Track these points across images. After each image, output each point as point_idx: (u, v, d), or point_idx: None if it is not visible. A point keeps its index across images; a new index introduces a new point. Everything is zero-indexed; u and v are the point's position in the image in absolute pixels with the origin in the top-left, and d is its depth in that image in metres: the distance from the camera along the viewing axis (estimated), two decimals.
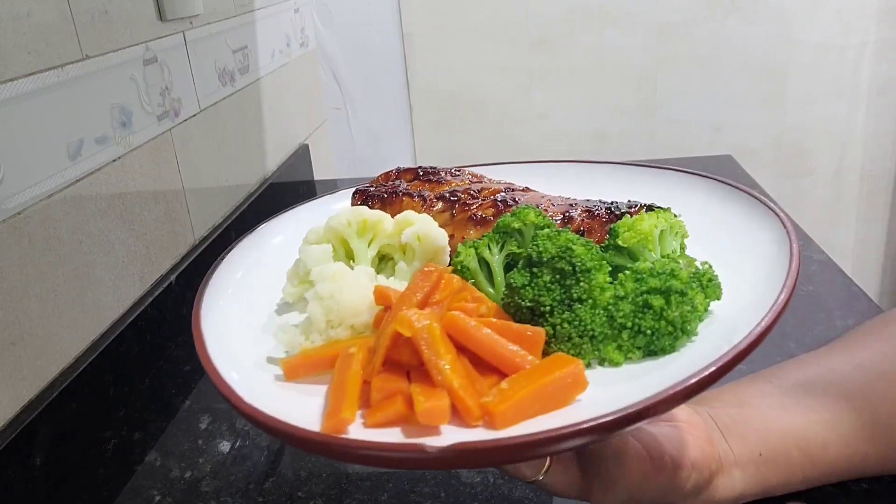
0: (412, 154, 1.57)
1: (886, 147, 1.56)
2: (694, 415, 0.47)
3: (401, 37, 1.47)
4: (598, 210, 0.48)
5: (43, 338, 0.59)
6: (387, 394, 0.36)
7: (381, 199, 0.54)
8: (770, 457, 0.46)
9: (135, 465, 0.61)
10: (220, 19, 0.97)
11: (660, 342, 0.38)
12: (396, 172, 0.59)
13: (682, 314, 0.38)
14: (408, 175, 0.59)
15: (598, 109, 1.52)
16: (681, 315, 0.38)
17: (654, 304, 0.38)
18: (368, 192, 0.56)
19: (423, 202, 0.52)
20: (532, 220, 0.44)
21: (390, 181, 0.58)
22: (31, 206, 0.58)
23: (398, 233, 0.48)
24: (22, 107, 0.58)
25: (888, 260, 1.67)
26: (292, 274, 0.48)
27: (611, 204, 0.48)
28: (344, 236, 0.48)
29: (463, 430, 0.34)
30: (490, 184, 0.56)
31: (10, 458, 0.53)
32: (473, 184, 0.56)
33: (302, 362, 0.40)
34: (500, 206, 0.50)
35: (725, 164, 1.24)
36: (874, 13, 1.46)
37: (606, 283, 0.39)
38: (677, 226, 0.45)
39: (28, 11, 0.59)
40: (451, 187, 0.56)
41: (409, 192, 0.54)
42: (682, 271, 0.39)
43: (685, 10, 1.45)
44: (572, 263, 0.39)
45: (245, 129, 1.06)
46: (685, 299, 0.38)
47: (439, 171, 0.58)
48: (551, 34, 1.47)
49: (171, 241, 0.82)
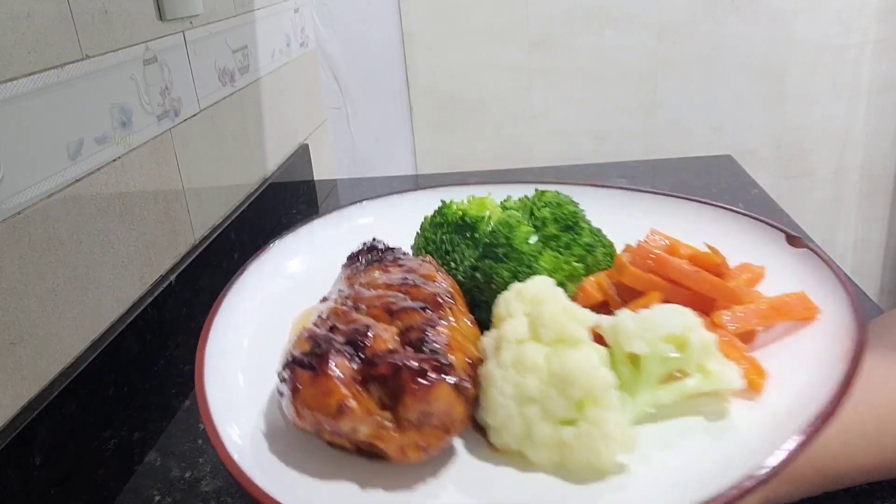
0: (412, 154, 1.57)
1: (886, 147, 1.56)
2: None
3: (401, 37, 1.47)
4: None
5: (43, 338, 0.59)
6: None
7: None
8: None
9: (135, 465, 0.61)
10: (220, 19, 0.97)
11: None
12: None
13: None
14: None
15: (598, 109, 1.52)
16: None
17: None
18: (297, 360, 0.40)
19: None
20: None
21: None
22: (31, 206, 0.58)
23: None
24: (22, 107, 0.58)
25: (888, 260, 1.67)
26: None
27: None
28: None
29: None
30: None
31: (10, 458, 0.53)
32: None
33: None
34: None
35: (725, 164, 1.24)
36: (874, 13, 1.46)
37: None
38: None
39: (28, 11, 0.59)
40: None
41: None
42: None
43: (685, 10, 1.44)
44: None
45: (245, 129, 1.06)
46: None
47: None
48: (551, 34, 1.47)
49: (171, 241, 0.82)
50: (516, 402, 0.35)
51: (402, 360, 0.35)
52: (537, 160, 1.54)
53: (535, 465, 0.35)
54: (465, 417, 0.35)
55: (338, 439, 0.35)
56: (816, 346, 0.39)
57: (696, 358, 0.36)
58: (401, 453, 0.34)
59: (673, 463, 0.34)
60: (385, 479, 0.34)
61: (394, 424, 0.34)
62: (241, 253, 0.96)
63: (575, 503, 0.31)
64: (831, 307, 0.41)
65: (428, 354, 0.36)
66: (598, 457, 0.33)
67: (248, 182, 1.07)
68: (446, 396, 0.34)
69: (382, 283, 0.43)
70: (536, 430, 0.34)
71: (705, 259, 0.43)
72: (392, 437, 0.34)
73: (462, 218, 0.49)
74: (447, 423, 0.34)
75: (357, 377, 0.36)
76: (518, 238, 0.45)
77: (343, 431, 0.34)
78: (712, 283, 0.42)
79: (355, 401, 0.34)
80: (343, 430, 0.34)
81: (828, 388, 0.34)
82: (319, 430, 0.35)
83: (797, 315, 0.40)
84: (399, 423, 0.34)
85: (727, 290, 0.42)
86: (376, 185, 1.34)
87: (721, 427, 0.36)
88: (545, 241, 0.45)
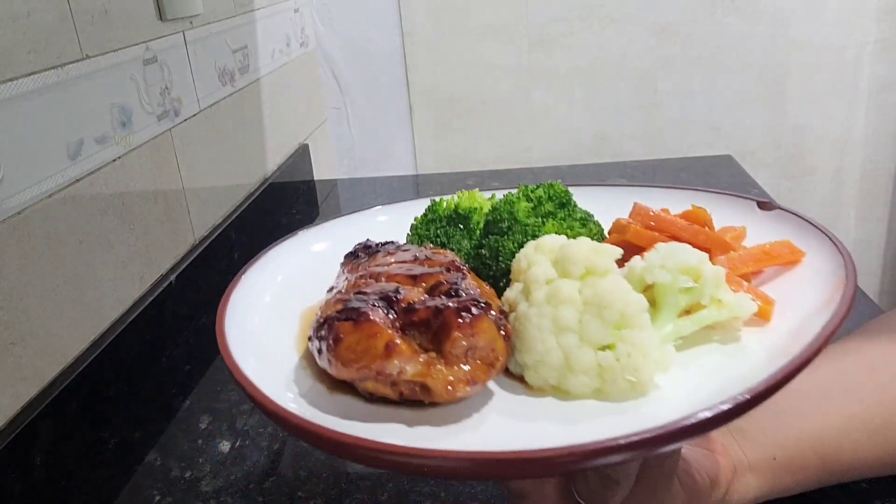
0: (412, 154, 1.57)
1: (886, 147, 1.56)
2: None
3: (401, 37, 1.47)
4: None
5: (43, 338, 0.59)
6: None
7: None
8: (784, 461, 0.46)
9: (135, 465, 0.61)
10: (220, 19, 0.97)
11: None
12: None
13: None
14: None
15: (598, 109, 1.52)
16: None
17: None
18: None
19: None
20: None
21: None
22: (31, 206, 0.58)
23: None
24: (22, 107, 0.58)
25: (888, 260, 1.67)
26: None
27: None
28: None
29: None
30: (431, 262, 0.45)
31: (10, 457, 0.53)
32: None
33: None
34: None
35: (725, 164, 1.24)
36: (874, 13, 1.46)
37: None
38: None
39: (28, 11, 0.59)
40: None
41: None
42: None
43: (685, 10, 1.44)
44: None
45: (245, 129, 1.06)
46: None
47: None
48: (551, 34, 1.47)
49: (171, 241, 0.82)
50: (554, 333, 0.36)
51: (442, 303, 0.36)
52: (537, 160, 1.54)
53: (574, 395, 0.36)
54: (506, 353, 0.36)
55: (381, 386, 0.36)
56: (811, 279, 0.42)
57: (710, 290, 0.39)
58: (448, 389, 0.34)
59: (697, 378, 0.36)
60: (430, 418, 0.35)
61: (440, 362, 0.35)
62: (241, 253, 0.96)
63: (614, 417, 0.32)
64: (815, 249, 0.44)
65: (464, 298, 0.37)
66: (637, 374, 0.35)
67: (248, 182, 1.07)
68: (490, 330, 0.35)
69: (393, 262, 0.43)
70: (575, 357, 0.36)
71: (696, 215, 0.48)
72: (440, 372, 0.35)
73: (455, 211, 0.51)
74: (491, 357, 0.35)
75: (396, 325, 0.36)
76: (521, 211, 0.46)
77: (390, 372, 0.35)
78: (707, 234, 0.46)
79: (401, 340, 0.35)
80: (390, 370, 0.35)
81: (831, 307, 0.36)
82: (365, 377, 0.35)
83: (786, 258, 0.44)
84: (446, 359, 0.35)
85: (721, 240, 0.46)
86: (376, 185, 1.34)
87: (736, 348, 0.39)
88: (544, 216, 0.47)
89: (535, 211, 0.47)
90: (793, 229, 0.47)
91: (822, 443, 0.46)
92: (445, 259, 0.43)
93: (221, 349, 0.38)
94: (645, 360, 0.35)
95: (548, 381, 0.37)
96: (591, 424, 0.33)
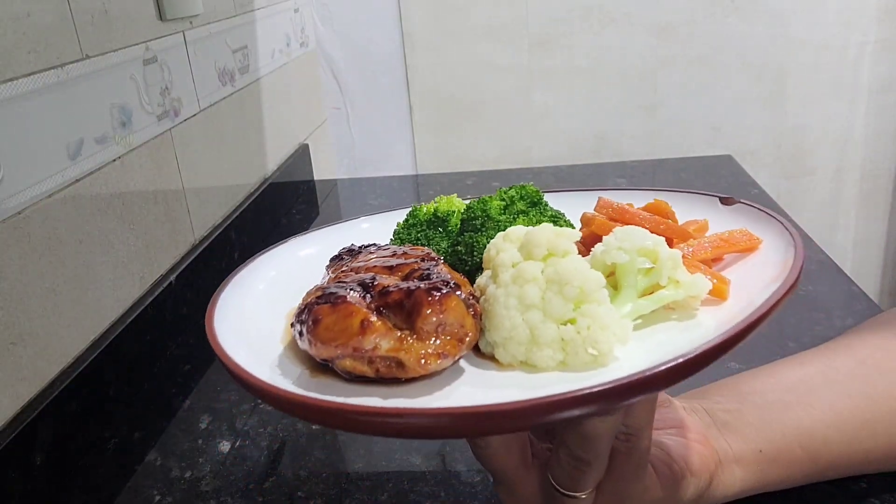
0: (412, 154, 1.57)
1: (886, 147, 1.56)
2: (691, 414, 0.47)
3: (401, 37, 1.48)
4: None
5: (43, 338, 0.59)
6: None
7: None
8: (771, 453, 0.46)
9: (135, 464, 0.61)
10: (220, 19, 0.97)
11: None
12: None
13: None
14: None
15: (598, 109, 1.52)
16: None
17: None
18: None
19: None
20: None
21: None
22: (31, 206, 0.58)
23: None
24: (22, 107, 0.58)
25: (888, 260, 1.67)
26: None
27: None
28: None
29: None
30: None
31: (10, 457, 0.53)
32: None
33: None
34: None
35: (725, 164, 1.24)
36: (874, 13, 1.46)
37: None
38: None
39: (28, 11, 0.59)
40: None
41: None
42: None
43: (685, 10, 1.45)
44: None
45: (245, 129, 1.06)
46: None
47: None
48: (551, 34, 1.47)
49: (171, 241, 0.82)
50: (520, 311, 0.39)
51: (415, 284, 0.40)
52: (537, 160, 1.55)
53: (540, 368, 0.39)
54: (475, 329, 0.39)
55: (359, 364, 0.38)
56: (766, 262, 0.44)
57: (667, 270, 0.41)
58: (421, 363, 0.37)
59: (653, 350, 0.39)
60: (405, 392, 0.38)
61: (413, 338, 0.38)
62: (241, 253, 0.96)
63: (577, 384, 0.34)
64: (771, 237, 0.47)
65: (434, 279, 0.40)
66: (597, 346, 0.38)
67: (248, 182, 1.07)
68: (458, 307, 0.38)
69: (372, 258, 0.47)
70: (540, 332, 0.39)
71: (658, 208, 0.50)
72: (413, 347, 0.37)
73: (434, 214, 0.54)
74: (461, 332, 0.38)
75: (371, 307, 0.39)
76: (493, 209, 0.50)
77: (366, 348, 0.37)
78: (668, 224, 0.48)
79: (376, 318, 0.38)
80: (366, 346, 0.37)
81: (779, 280, 0.39)
82: (342, 354, 0.38)
83: (743, 245, 0.46)
84: (418, 335, 0.38)
85: (682, 230, 0.48)
86: (376, 185, 1.34)
87: (692, 324, 0.41)
88: (516, 214, 0.50)
89: (508, 210, 0.50)
90: (752, 220, 0.50)
91: (810, 436, 0.46)
92: (421, 252, 0.46)
93: (210, 339, 0.40)
94: (604, 333, 0.38)
95: (516, 356, 0.39)
96: (556, 389, 0.35)
